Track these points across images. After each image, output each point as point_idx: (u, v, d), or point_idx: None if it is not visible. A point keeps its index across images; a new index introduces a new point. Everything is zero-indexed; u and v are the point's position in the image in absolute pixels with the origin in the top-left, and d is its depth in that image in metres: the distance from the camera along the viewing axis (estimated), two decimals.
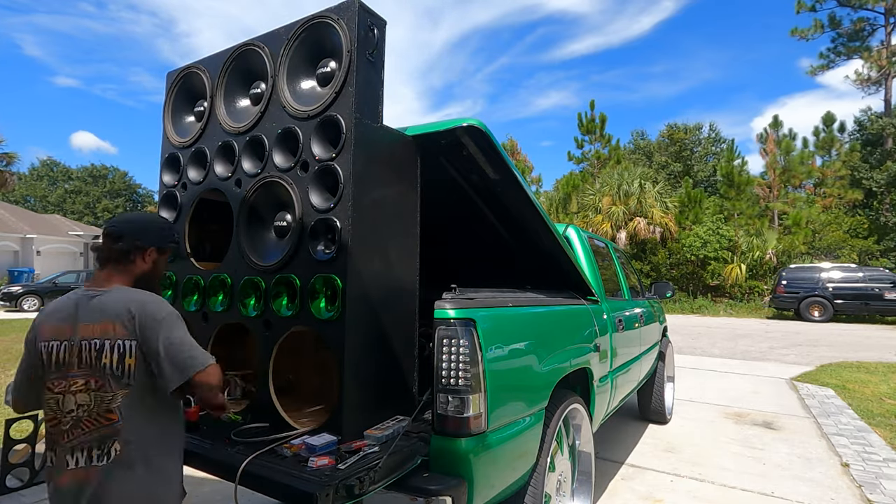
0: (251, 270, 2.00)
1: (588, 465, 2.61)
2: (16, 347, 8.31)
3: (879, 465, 3.58)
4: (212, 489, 3.04)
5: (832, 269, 15.45)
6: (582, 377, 2.62)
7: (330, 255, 1.79)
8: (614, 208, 20.06)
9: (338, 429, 1.70)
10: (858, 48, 25.93)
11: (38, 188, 51.53)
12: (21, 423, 3.21)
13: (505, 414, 1.84)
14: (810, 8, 26.19)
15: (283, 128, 1.96)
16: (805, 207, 21.25)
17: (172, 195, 2.38)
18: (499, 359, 1.82)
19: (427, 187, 2.15)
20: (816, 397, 5.63)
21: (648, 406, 4.62)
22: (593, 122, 25.95)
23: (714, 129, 34.60)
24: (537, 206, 2.34)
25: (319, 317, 1.78)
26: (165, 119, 2.45)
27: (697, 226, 19.87)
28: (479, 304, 1.85)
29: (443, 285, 1.94)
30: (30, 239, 27.83)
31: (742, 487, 3.23)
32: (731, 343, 10.41)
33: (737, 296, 19.32)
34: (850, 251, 19.72)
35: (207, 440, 1.75)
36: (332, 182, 1.82)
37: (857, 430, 4.38)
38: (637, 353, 3.74)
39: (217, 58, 2.26)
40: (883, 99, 24.94)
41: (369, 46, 1.85)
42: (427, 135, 2.06)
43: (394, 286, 1.97)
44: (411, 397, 2.04)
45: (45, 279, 19.32)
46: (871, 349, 9.53)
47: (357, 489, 1.39)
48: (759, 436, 4.31)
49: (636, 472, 3.50)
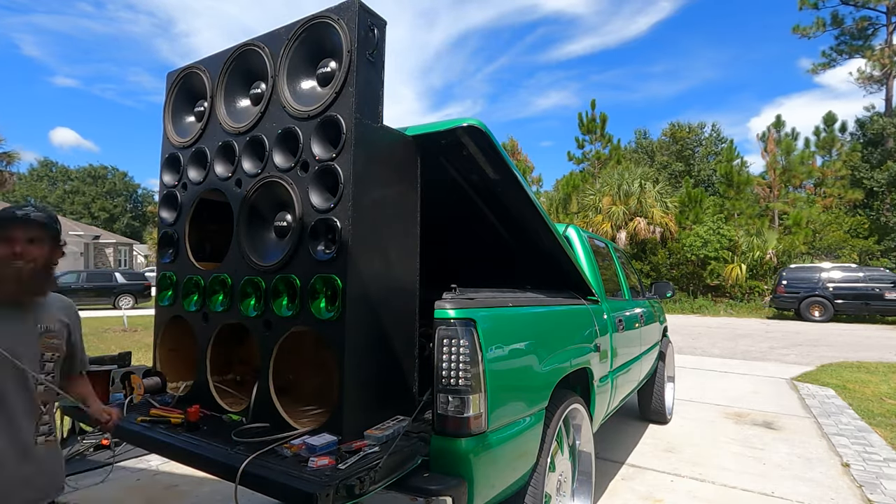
0: (251, 270, 2.00)
1: (588, 465, 2.61)
2: None
3: (880, 465, 3.58)
4: (212, 489, 3.04)
5: (832, 269, 15.44)
6: (582, 377, 2.62)
7: (330, 256, 1.79)
8: (614, 208, 20.06)
9: (338, 429, 1.71)
10: (861, 47, 25.92)
11: (38, 189, 51.57)
12: None
13: (505, 414, 1.84)
14: (813, 5, 26.16)
15: (284, 128, 1.96)
16: (805, 207, 21.25)
17: (173, 195, 2.38)
18: (499, 359, 1.82)
19: (427, 187, 2.15)
20: (817, 397, 5.63)
21: (649, 406, 4.61)
22: (594, 122, 25.96)
23: (716, 128, 34.62)
24: (538, 206, 2.34)
25: (320, 317, 1.78)
26: (166, 119, 2.45)
27: (698, 226, 19.86)
28: (479, 304, 1.85)
29: (443, 285, 1.94)
30: None
31: (742, 487, 3.22)
32: (731, 343, 10.41)
33: (737, 296, 19.31)
34: (851, 251, 19.71)
35: (207, 440, 1.75)
36: (332, 182, 1.82)
37: (857, 430, 4.37)
38: (637, 353, 3.74)
39: (217, 58, 2.26)
40: (884, 98, 24.94)
41: (369, 46, 1.85)
42: (427, 135, 2.06)
43: (394, 286, 1.97)
44: (411, 397, 2.04)
45: None
46: (871, 349, 9.52)
47: (357, 489, 1.39)
48: (759, 436, 4.31)
49: (636, 472, 3.50)
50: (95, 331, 11.15)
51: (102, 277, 19.52)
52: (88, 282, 18.92)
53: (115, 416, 1.68)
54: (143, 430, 1.89)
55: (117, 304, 19.00)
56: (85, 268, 29.20)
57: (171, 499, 2.95)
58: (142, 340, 9.43)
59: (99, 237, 34.05)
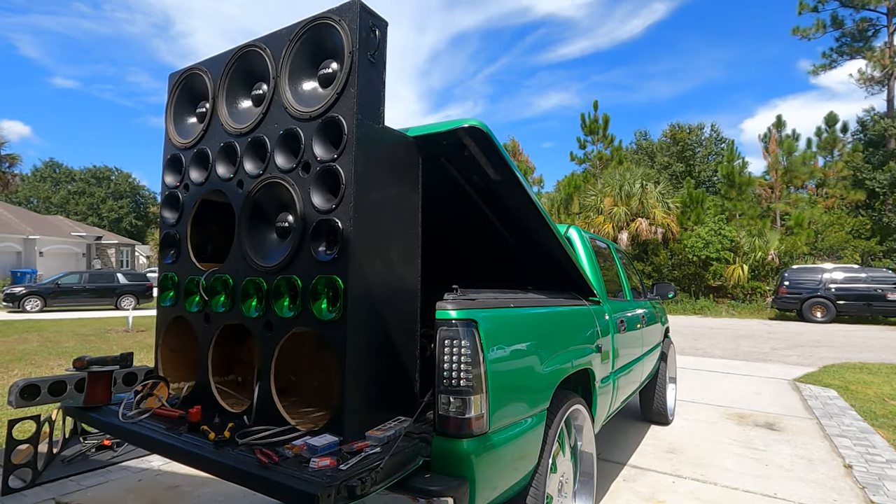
0: (253, 271, 2.00)
1: (590, 466, 2.61)
2: (18, 348, 8.34)
3: (882, 466, 3.57)
4: (214, 490, 3.04)
5: (834, 269, 15.43)
6: (584, 378, 2.62)
7: (331, 256, 1.79)
8: (616, 209, 20.05)
9: (339, 429, 1.71)
10: (862, 48, 25.90)
11: (42, 189, 51.72)
12: (23, 424, 3.22)
13: (507, 415, 1.84)
14: (812, 8, 26.17)
15: (285, 129, 1.97)
16: (807, 208, 21.22)
17: (174, 196, 2.39)
18: (500, 359, 1.82)
19: (428, 188, 2.15)
20: (819, 398, 5.62)
21: (650, 407, 4.61)
22: (596, 123, 25.98)
23: (716, 129, 34.60)
24: (539, 206, 2.34)
25: (321, 318, 1.78)
26: (168, 120, 2.46)
27: (699, 226, 19.85)
28: (480, 304, 1.85)
29: (444, 286, 1.94)
30: (32, 240, 27.93)
31: (744, 489, 3.22)
32: (733, 344, 10.39)
33: (739, 297, 19.29)
34: (853, 252, 19.68)
35: (208, 441, 1.75)
36: (333, 183, 1.82)
37: (859, 432, 4.36)
38: (639, 353, 3.73)
39: (219, 59, 2.26)
40: (886, 99, 24.90)
41: (371, 47, 1.85)
42: (428, 136, 2.07)
43: (395, 287, 1.97)
44: (413, 398, 2.04)
45: (48, 280, 19.37)
46: (873, 350, 9.50)
47: (359, 490, 1.39)
48: (761, 437, 4.30)
49: (638, 473, 3.49)
50: (98, 331, 11.17)
51: (104, 278, 19.55)
52: (90, 282, 18.96)
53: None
54: (145, 430, 1.90)
55: (119, 304, 19.05)
56: (87, 269, 29.27)
57: (172, 499, 2.95)
58: (143, 341, 9.45)
59: (101, 238, 34.15)
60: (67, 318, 15.01)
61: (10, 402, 2.83)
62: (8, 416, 3.78)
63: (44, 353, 7.80)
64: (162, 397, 2.18)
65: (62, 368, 6.63)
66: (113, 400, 2.24)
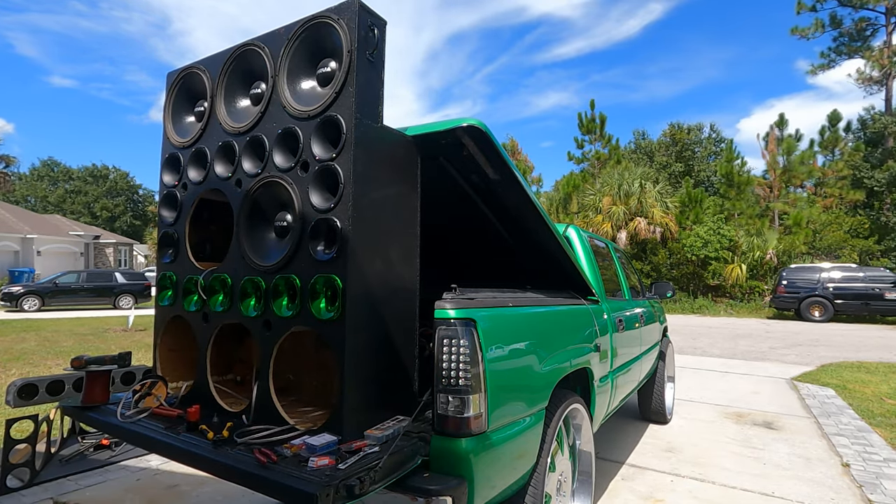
0: (251, 270, 2.00)
1: (588, 465, 2.61)
2: (16, 347, 8.32)
3: (880, 465, 3.58)
4: (213, 489, 3.04)
5: (833, 269, 15.46)
6: (582, 377, 2.62)
7: (330, 256, 1.79)
8: (615, 208, 20.06)
9: (338, 429, 1.71)
10: (860, 48, 25.95)
11: (39, 188, 51.57)
12: (21, 424, 3.21)
13: (505, 414, 1.84)
14: (811, 8, 26.22)
15: (284, 128, 1.97)
16: (806, 207, 21.26)
17: (173, 195, 2.38)
18: (499, 359, 1.82)
19: (427, 187, 2.15)
20: (817, 397, 5.63)
21: (649, 406, 4.62)
22: (593, 122, 25.99)
23: (715, 129, 34.64)
24: (538, 206, 2.34)
25: (320, 317, 1.78)
26: (166, 119, 2.45)
27: (698, 226, 19.87)
28: (479, 304, 1.85)
29: (443, 285, 1.94)
30: (30, 239, 27.86)
31: (742, 487, 3.22)
32: (731, 343, 10.41)
33: (737, 296, 19.32)
34: (851, 251, 19.73)
35: (207, 440, 1.75)
36: (332, 182, 1.82)
37: (857, 431, 4.37)
38: (637, 353, 3.74)
39: (217, 58, 2.26)
40: (884, 98, 24.95)
41: (370, 46, 1.85)
42: (427, 135, 2.06)
43: (394, 286, 1.97)
44: (412, 397, 2.04)
45: (46, 279, 19.33)
46: (871, 349, 9.53)
47: (357, 489, 1.39)
48: (759, 436, 4.31)
49: (636, 472, 3.50)
50: (96, 331, 11.16)
51: (102, 277, 19.52)
52: (88, 282, 18.93)
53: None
54: (143, 429, 1.89)
55: (117, 304, 19.02)
56: (85, 268, 29.22)
57: (171, 499, 2.95)
58: (142, 340, 9.43)
59: (99, 237, 34.09)
60: (65, 317, 14.99)
61: (7, 401, 2.83)
62: (6, 415, 3.77)
63: (42, 353, 7.78)
64: (160, 397, 2.17)
65: (60, 368, 6.62)
66: (111, 399, 2.24)
